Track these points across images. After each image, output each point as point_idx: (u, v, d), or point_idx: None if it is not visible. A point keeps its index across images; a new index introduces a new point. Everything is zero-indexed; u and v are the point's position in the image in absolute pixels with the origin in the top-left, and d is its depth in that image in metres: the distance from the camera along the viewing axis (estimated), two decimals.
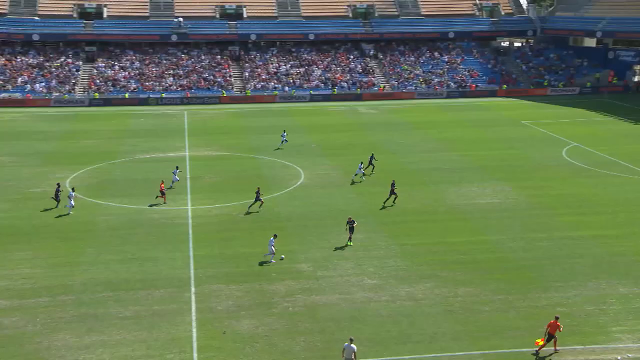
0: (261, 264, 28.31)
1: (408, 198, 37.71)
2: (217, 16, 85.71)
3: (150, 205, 35.14)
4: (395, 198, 35.72)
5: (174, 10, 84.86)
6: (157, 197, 35.39)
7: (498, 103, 75.16)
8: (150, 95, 72.51)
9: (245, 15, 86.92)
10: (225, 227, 32.42)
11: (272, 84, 78.84)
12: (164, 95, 73.24)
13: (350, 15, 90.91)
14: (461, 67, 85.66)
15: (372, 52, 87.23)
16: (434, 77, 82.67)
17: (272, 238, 28.35)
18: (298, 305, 24.83)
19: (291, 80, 79.87)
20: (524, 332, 23.06)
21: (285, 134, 50.73)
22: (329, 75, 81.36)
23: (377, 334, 22.95)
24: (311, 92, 77.31)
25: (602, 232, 31.95)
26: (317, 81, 79.96)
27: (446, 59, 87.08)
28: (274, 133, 56.14)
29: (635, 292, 25.47)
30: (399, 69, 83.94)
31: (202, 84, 76.35)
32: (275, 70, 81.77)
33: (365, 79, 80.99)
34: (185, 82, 75.95)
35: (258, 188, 35.36)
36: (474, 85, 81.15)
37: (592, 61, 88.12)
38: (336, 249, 30.11)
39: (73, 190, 34.61)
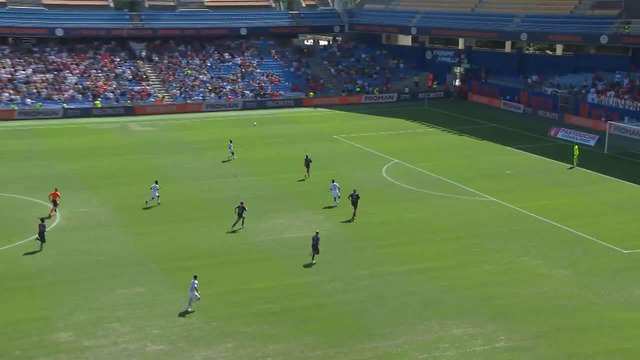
0: None
1: (200, 236, 37.70)
2: None
3: None
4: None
5: None
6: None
7: (305, 114, 78.87)
8: None
9: None
10: None
11: (7, 94, 73.78)
12: None
13: (112, 5, 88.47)
14: (258, 71, 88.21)
15: (144, 54, 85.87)
16: (225, 84, 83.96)
17: (193, 280, 29.17)
18: None
19: (35, 90, 75.48)
20: None
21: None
22: (87, 83, 78.32)
23: None
24: (64, 105, 73.90)
25: (430, 264, 34.53)
26: (72, 91, 76.50)
27: (239, 62, 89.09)
28: (10, 161, 53.37)
29: (470, 332, 27.79)
30: (180, 75, 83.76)
31: None
32: (9, 76, 76.59)
33: (137, 88, 79.35)
34: None
35: (241, 202, 39.31)
36: (277, 93, 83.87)
37: (408, 62, 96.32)
38: (107, 309, 28.86)
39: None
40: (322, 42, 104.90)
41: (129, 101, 76.70)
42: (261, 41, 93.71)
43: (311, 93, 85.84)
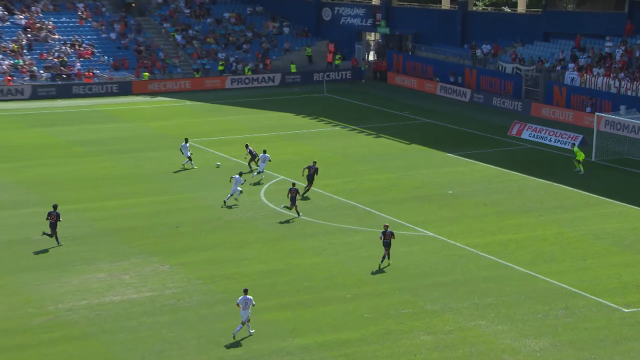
0: None
1: None
2: None
3: None
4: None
5: None
6: None
7: (136, 107, 78.93)
8: None
9: None
10: None
11: None
12: None
13: None
14: (57, 37, 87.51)
15: None
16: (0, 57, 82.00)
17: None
18: None
19: None
20: None
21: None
22: None
23: None
24: None
25: (337, 335, 34.17)
26: None
27: (23, 22, 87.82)
28: None
29: None
30: None
31: None
32: None
33: None
34: None
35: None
36: (90, 73, 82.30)
37: (297, 25, 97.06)
38: None
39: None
40: None
41: None
42: None
43: (146, 73, 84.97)
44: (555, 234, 46.42)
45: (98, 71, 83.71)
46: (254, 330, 34.29)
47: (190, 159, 57.49)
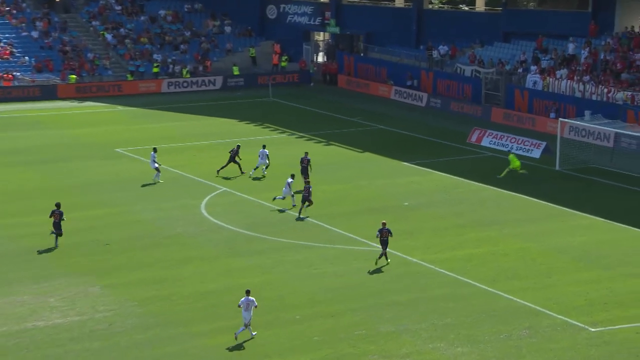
0: None
1: None
2: None
3: None
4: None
5: None
6: None
7: (62, 113, 79.31)
8: None
9: None
10: None
11: None
12: None
13: None
14: None
15: None
16: None
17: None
18: None
19: None
20: None
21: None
22: None
23: None
24: None
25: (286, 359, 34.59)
26: None
27: None
28: None
29: None
30: None
31: None
32: None
33: None
34: None
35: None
36: (9, 75, 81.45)
37: (240, 24, 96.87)
38: None
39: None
40: None
41: None
42: None
43: (72, 76, 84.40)
44: (518, 248, 46.75)
45: (19, 73, 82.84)
46: (255, 333, 35.38)
47: (157, 170, 57.07)
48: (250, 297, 35.33)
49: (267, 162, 58.39)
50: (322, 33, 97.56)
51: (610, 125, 64.51)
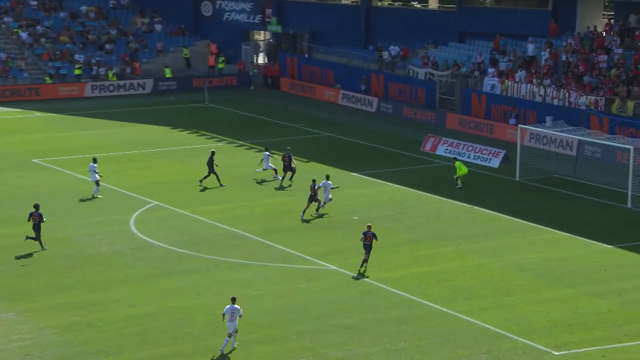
0: None
1: None
2: None
3: None
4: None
5: None
6: None
7: None
8: None
9: None
10: None
11: None
12: None
13: None
14: None
15: None
16: None
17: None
18: None
19: None
20: None
21: None
22: None
23: None
24: None
25: None
26: None
27: None
28: None
29: None
30: None
31: None
32: None
33: None
34: None
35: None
36: None
37: (172, 22, 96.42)
38: None
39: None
40: None
41: None
42: None
43: None
44: (476, 265, 46.76)
45: None
46: (238, 343, 36.26)
47: (97, 183, 56.16)
48: (235, 305, 35.98)
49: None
50: (262, 32, 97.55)
51: (573, 132, 64.63)
